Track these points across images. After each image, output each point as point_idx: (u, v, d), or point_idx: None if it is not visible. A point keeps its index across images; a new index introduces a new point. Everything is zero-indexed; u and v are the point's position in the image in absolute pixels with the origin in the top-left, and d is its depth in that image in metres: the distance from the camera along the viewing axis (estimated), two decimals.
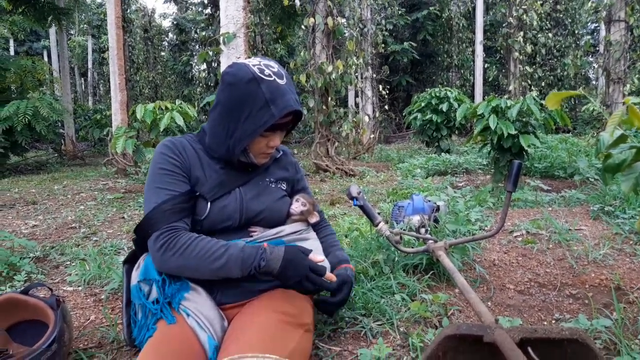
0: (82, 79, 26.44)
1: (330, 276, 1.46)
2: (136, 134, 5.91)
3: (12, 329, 1.72)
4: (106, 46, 14.41)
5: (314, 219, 1.65)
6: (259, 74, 1.36)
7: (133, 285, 1.45)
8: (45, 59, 20.89)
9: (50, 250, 3.22)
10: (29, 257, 2.95)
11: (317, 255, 1.45)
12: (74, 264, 2.86)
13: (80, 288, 2.43)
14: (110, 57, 7.93)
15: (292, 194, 1.68)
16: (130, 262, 1.56)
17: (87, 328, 1.93)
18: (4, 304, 1.68)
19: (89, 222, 4.18)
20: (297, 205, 1.61)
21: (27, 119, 8.25)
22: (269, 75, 1.38)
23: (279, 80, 1.39)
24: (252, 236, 1.49)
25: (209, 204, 1.43)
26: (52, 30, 14.66)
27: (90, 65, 22.88)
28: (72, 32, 24.47)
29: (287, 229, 1.55)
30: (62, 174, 8.66)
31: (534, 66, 16.04)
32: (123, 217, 4.35)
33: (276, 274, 1.35)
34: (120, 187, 6.42)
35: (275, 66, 1.42)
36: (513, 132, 4.28)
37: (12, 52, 20.47)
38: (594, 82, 21.14)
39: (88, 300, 2.26)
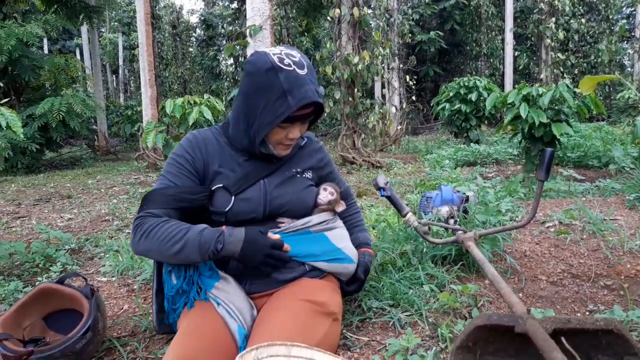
0: (114, 75, 27.00)
1: (286, 247, 1.41)
2: (166, 129, 6.00)
3: (48, 317, 1.78)
4: (136, 43, 14.68)
5: (340, 207, 1.63)
6: (278, 63, 1.34)
7: (164, 275, 1.48)
8: (78, 56, 21.40)
9: (85, 242, 3.31)
10: (65, 249, 3.05)
11: (273, 235, 1.41)
12: (107, 255, 2.94)
13: (113, 278, 2.50)
14: (140, 54, 8.08)
15: (320, 182, 1.65)
16: None
17: (121, 317, 1.98)
18: (40, 294, 1.74)
19: (122, 215, 4.27)
20: (325, 195, 1.59)
21: (61, 116, 8.48)
22: (289, 65, 1.35)
23: (298, 70, 1.35)
24: (279, 227, 1.49)
25: (232, 197, 1.42)
26: (84, 29, 14.97)
27: (121, 62, 23.34)
28: (102, 30, 24.98)
29: (314, 219, 1.54)
30: (96, 168, 8.88)
31: (566, 53, 15.55)
32: None
33: (237, 257, 1.33)
34: (152, 181, 6.55)
35: (296, 55, 1.39)
36: (545, 120, 4.17)
37: (45, 51, 21.02)
38: (629, 69, 20.41)
39: (121, 290, 2.32)
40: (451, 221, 2.38)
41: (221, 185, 1.44)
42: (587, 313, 1.76)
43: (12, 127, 2.52)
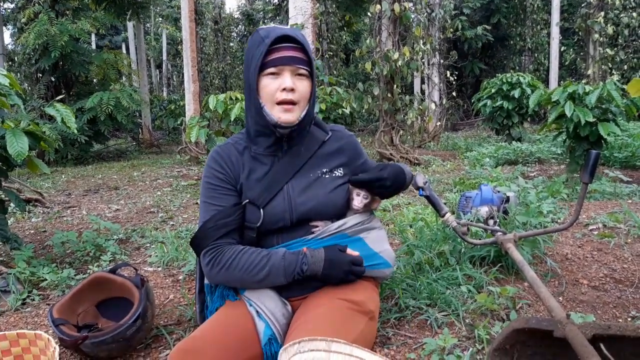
0: (157, 70, 27.69)
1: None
2: (208, 124, 6.14)
3: (100, 304, 1.89)
4: (179, 39, 14.97)
5: (376, 204, 1.59)
6: (263, 28, 1.41)
7: (206, 284, 1.54)
8: (124, 51, 22.06)
9: (132, 232, 3.46)
10: (113, 239, 3.20)
11: (353, 251, 1.44)
12: (153, 246, 3.06)
13: (159, 269, 2.61)
14: (184, 50, 8.29)
15: (354, 174, 1.57)
16: None
17: (167, 306, 2.08)
18: (94, 282, 1.85)
19: (166, 207, 4.43)
20: (359, 200, 1.52)
21: (109, 109, 8.82)
22: (271, 25, 1.42)
23: (279, 25, 1.42)
24: (313, 232, 1.47)
25: (261, 210, 1.43)
26: (130, 24, 15.39)
27: (164, 57, 23.92)
28: (148, 25, 25.61)
29: (349, 221, 1.50)
30: (140, 161, 9.18)
31: (615, 48, 14.89)
32: (196, 203, 4.58)
33: (321, 276, 1.38)
34: (193, 174, 6.73)
35: (283, 26, 1.45)
36: (591, 119, 4.05)
37: (93, 46, 21.74)
38: None
39: (167, 280, 2.42)
40: (490, 222, 2.37)
41: (248, 200, 1.45)
42: (629, 319, 1.73)
43: (66, 122, 2.66)
